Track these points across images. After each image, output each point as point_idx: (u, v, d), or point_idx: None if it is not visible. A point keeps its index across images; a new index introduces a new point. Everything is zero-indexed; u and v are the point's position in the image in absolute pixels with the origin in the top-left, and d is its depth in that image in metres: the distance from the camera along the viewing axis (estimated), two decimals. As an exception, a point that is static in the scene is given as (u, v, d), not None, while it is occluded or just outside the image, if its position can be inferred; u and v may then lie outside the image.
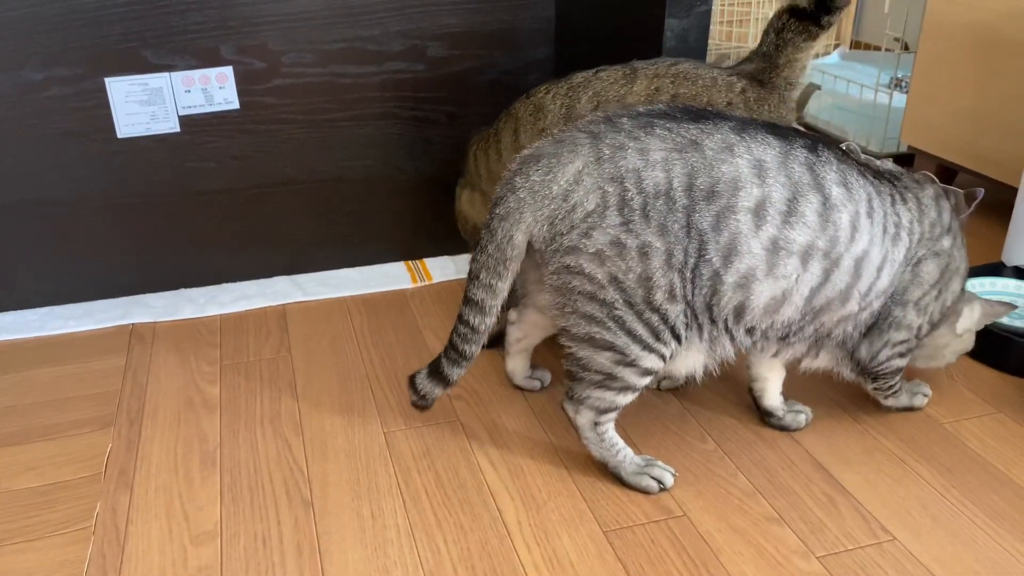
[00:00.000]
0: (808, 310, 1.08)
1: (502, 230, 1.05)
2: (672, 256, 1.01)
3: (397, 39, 1.63)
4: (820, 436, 1.26)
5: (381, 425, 1.30)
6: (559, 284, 1.06)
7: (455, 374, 1.15)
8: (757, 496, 1.14)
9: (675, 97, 1.24)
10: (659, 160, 1.01)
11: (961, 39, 1.94)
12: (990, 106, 1.88)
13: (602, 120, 1.05)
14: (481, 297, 1.08)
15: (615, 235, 1.01)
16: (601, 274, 1.02)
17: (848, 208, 1.05)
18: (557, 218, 1.02)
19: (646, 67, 1.27)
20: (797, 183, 1.02)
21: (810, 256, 1.04)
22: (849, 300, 1.09)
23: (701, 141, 1.02)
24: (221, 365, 1.47)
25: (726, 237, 1.01)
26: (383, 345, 1.52)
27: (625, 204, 1.00)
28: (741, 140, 1.02)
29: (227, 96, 1.60)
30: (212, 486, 1.18)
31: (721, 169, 1.01)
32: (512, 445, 1.25)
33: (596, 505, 1.13)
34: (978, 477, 1.17)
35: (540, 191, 1.03)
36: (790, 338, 1.12)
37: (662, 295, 1.02)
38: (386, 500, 1.14)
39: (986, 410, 1.31)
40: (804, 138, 1.06)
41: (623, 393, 1.11)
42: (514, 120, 1.33)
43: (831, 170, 1.05)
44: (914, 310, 1.15)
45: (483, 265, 1.07)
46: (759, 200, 1.01)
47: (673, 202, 1.00)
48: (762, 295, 1.04)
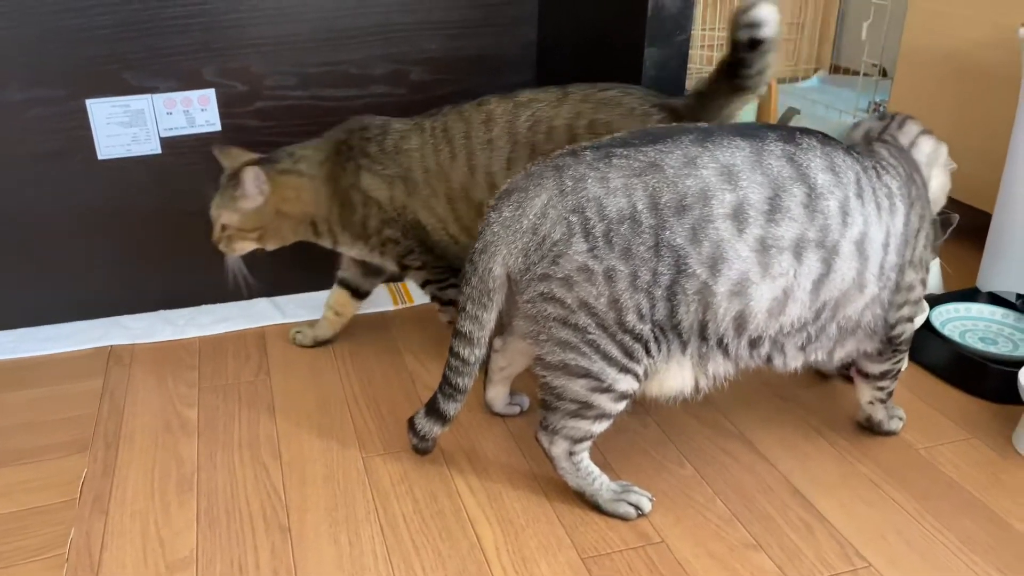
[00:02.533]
0: (819, 306, 1.08)
1: (482, 263, 1.07)
2: (638, 278, 1.02)
3: (380, 63, 1.64)
4: (797, 461, 1.27)
5: (360, 450, 1.29)
6: (534, 312, 1.07)
7: (452, 409, 1.16)
8: (734, 522, 1.15)
9: (593, 123, 1.28)
10: (619, 187, 1.02)
11: (936, 67, 1.97)
12: (964, 133, 1.91)
13: (567, 153, 1.07)
14: (469, 329, 1.10)
15: (582, 261, 1.02)
16: (571, 299, 1.03)
17: (836, 194, 1.05)
18: (530, 250, 1.04)
19: (577, 91, 1.31)
20: (776, 178, 1.03)
21: (803, 249, 1.04)
22: (866, 285, 1.09)
23: (660, 161, 1.03)
24: (200, 388, 1.46)
25: (707, 247, 1.01)
26: (363, 368, 1.51)
27: (589, 232, 1.02)
28: (704, 150, 1.03)
29: (209, 118, 1.60)
30: (189, 511, 1.17)
31: (686, 183, 1.02)
32: (491, 470, 1.25)
33: (575, 531, 1.13)
34: (952, 502, 1.18)
35: (512, 226, 1.05)
36: (810, 345, 1.11)
37: (633, 316, 1.04)
38: (364, 526, 1.14)
39: (960, 435, 1.33)
40: (779, 131, 1.06)
41: (598, 421, 1.11)
42: (465, 123, 1.35)
43: (814, 156, 1.05)
44: (911, 268, 1.15)
45: (468, 297, 1.09)
46: (735, 204, 1.02)
47: (638, 224, 1.01)
48: (763, 298, 1.04)
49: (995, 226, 1.59)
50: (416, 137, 1.39)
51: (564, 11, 1.61)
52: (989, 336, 1.53)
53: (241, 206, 1.41)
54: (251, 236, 1.45)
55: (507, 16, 1.67)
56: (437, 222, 1.39)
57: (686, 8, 1.28)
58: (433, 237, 1.41)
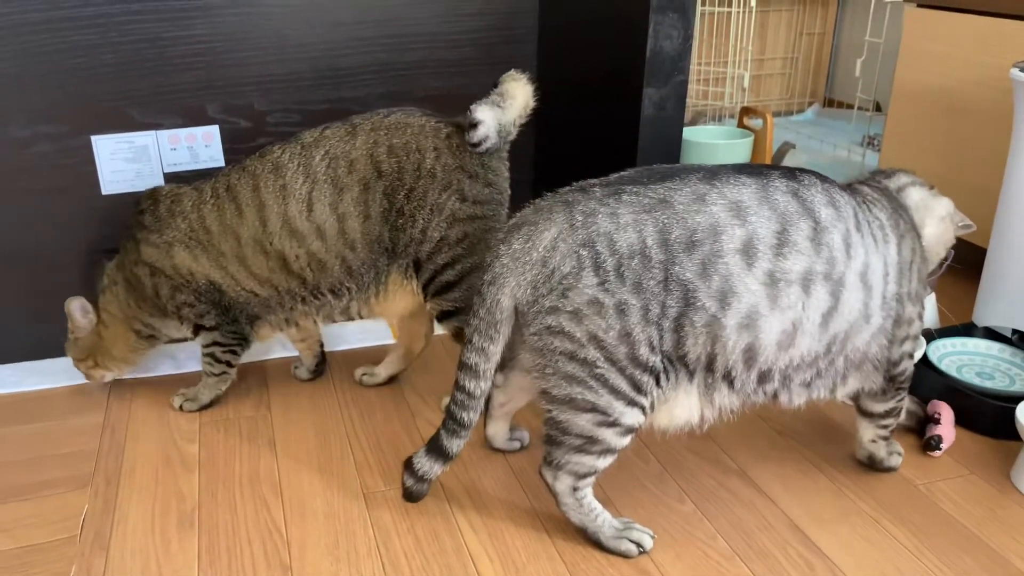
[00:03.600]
0: (830, 339, 1.09)
1: (490, 295, 1.08)
2: (649, 311, 1.04)
3: (381, 101, 1.66)
4: (796, 497, 1.27)
5: (361, 486, 1.29)
6: (540, 345, 1.08)
7: (455, 446, 1.15)
8: (735, 559, 1.15)
9: (392, 148, 1.32)
10: (630, 222, 1.04)
11: (929, 103, 2.00)
12: (957, 169, 1.94)
13: (576, 189, 1.10)
14: (475, 361, 1.11)
15: (592, 295, 1.03)
16: (580, 332, 1.04)
17: (839, 227, 1.08)
18: (539, 282, 1.05)
19: (363, 121, 1.35)
20: (784, 213, 1.06)
21: (811, 281, 1.06)
22: (872, 315, 1.12)
23: (670, 198, 1.05)
24: (200, 423, 1.46)
25: (717, 281, 1.03)
26: (363, 402, 1.52)
27: (599, 266, 1.03)
28: (712, 188, 1.06)
29: (212, 154, 1.62)
30: (190, 548, 1.17)
31: (696, 219, 1.04)
32: (492, 507, 1.25)
33: (576, 569, 1.13)
34: (951, 539, 1.19)
35: (521, 258, 1.06)
36: (817, 381, 1.13)
37: (645, 349, 1.05)
38: (365, 563, 1.14)
39: (959, 471, 1.33)
40: (780, 169, 1.10)
41: (603, 456, 1.12)
42: (251, 177, 1.36)
43: (816, 192, 1.08)
44: (908, 301, 1.16)
45: (475, 329, 1.10)
46: (745, 239, 1.04)
47: (648, 259, 1.03)
48: (772, 330, 1.06)
49: (990, 261, 1.61)
50: (190, 199, 1.39)
51: (563, 51, 1.64)
52: (986, 371, 1.54)
53: (78, 338, 1.48)
54: (88, 363, 1.50)
55: (507, 55, 1.69)
56: (231, 280, 1.39)
57: (684, 51, 1.31)
58: (230, 295, 1.40)
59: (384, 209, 1.32)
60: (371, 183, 1.31)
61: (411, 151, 1.31)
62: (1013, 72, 1.48)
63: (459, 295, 1.36)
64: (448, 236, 1.33)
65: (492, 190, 1.36)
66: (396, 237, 1.34)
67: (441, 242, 1.33)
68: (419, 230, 1.33)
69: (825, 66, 3.38)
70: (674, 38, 1.29)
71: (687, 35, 1.30)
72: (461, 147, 1.33)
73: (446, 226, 1.32)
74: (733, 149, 2.36)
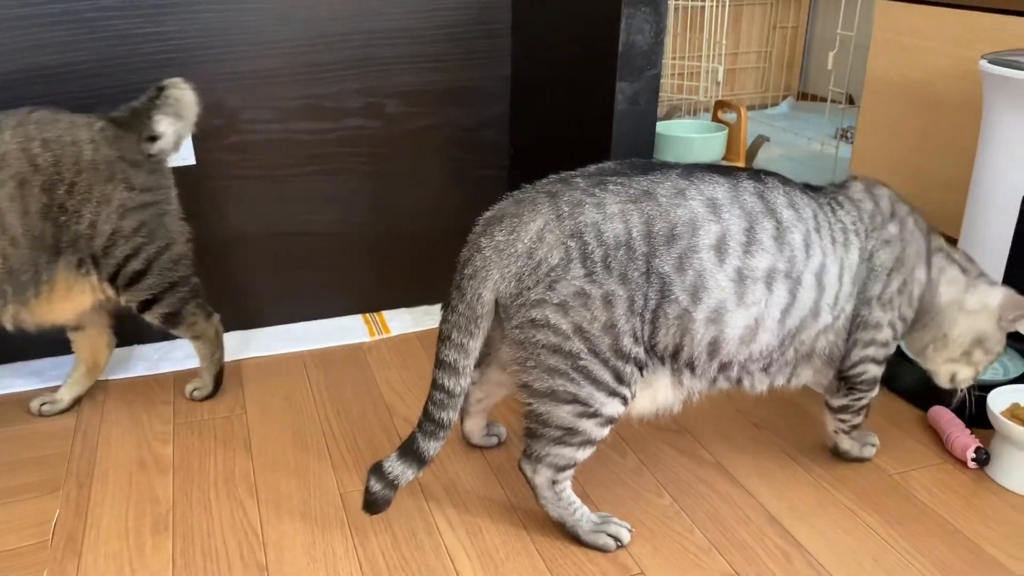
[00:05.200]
0: (784, 334, 1.12)
1: (471, 289, 1.07)
2: (634, 302, 1.04)
3: (355, 96, 1.65)
4: (774, 489, 1.28)
5: (337, 485, 1.28)
6: (523, 339, 1.07)
7: (432, 448, 1.12)
8: (713, 551, 1.15)
9: (46, 141, 1.29)
10: (616, 212, 1.05)
11: (901, 96, 2.02)
12: (928, 161, 1.96)
13: (558, 180, 1.10)
14: (454, 358, 1.09)
15: (579, 286, 1.03)
16: (566, 324, 1.04)
17: (799, 227, 1.10)
18: (524, 274, 1.05)
19: (6, 117, 1.29)
20: (751, 213, 1.08)
21: (773, 279, 1.08)
22: (820, 313, 1.13)
23: (653, 190, 1.06)
24: (174, 424, 1.45)
25: (691, 276, 1.05)
26: (339, 401, 1.51)
27: (587, 256, 1.03)
28: (691, 184, 1.08)
29: (183, 152, 1.59)
30: (164, 552, 1.16)
31: (677, 213, 1.05)
32: (470, 504, 1.25)
33: (554, 564, 1.13)
34: (926, 528, 1.20)
35: (505, 249, 1.05)
36: (772, 368, 1.16)
37: (629, 340, 1.05)
38: (343, 563, 1.13)
39: (933, 460, 1.35)
40: (747, 171, 1.13)
41: (582, 448, 1.12)
42: None
43: (779, 194, 1.11)
44: (878, 306, 1.18)
45: (454, 325, 1.09)
46: (719, 235, 1.06)
47: (633, 251, 1.04)
48: (736, 326, 1.08)
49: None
50: None
51: (538, 47, 1.63)
52: (958, 361, 1.55)
53: None
54: None
55: (482, 50, 1.69)
56: None
57: (656, 45, 1.31)
58: None
59: (44, 205, 1.28)
60: (28, 178, 1.27)
61: (66, 144, 1.29)
62: (982, 64, 1.50)
63: (153, 281, 1.37)
64: (122, 228, 1.32)
65: (158, 175, 1.37)
66: (59, 233, 1.30)
67: (115, 235, 1.32)
68: (87, 224, 1.30)
69: (799, 60, 3.40)
70: (646, 32, 1.29)
71: (659, 29, 1.30)
72: (118, 138, 1.33)
73: (117, 217, 1.32)
74: (708, 143, 2.37)
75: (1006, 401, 1.34)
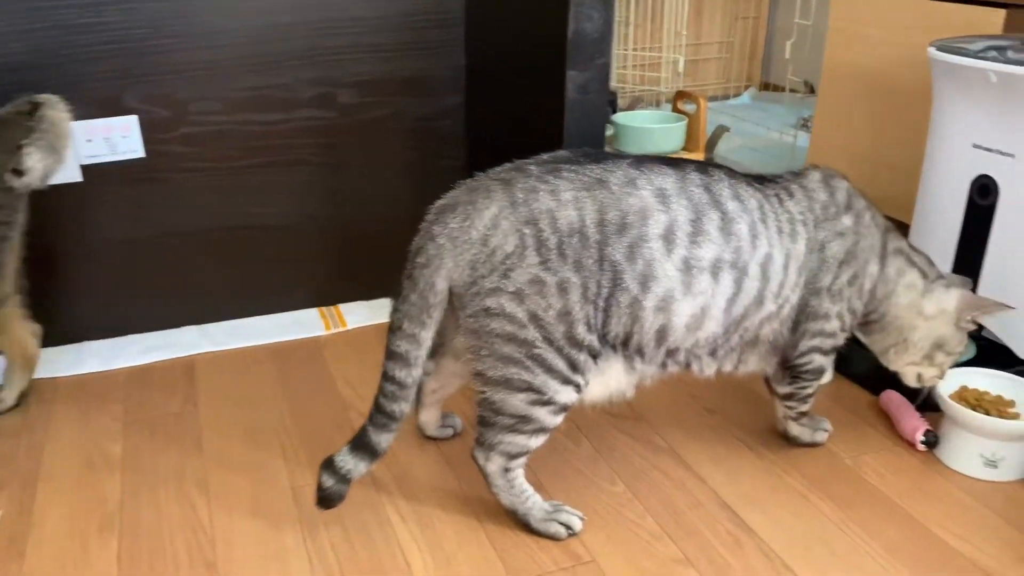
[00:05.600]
0: (730, 322, 1.13)
1: (424, 278, 1.06)
2: (587, 289, 1.04)
3: (307, 86, 1.63)
4: (726, 474, 1.28)
5: (289, 480, 1.27)
6: (477, 327, 1.06)
7: (384, 441, 1.11)
8: (665, 538, 1.15)
9: None
10: (570, 199, 1.05)
11: (857, 84, 2.03)
12: (884, 148, 1.97)
13: (512, 168, 1.09)
14: (406, 349, 1.08)
15: (535, 273, 1.03)
16: (521, 313, 1.04)
17: (744, 218, 1.11)
18: (478, 262, 1.04)
19: None
20: (698, 204, 1.08)
21: (719, 269, 1.09)
22: (764, 302, 1.14)
23: (606, 179, 1.07)
24: (125, 421, 1.42)
25: (641, 265, 1.05)
26: (294, 396, 1.49)
27: (542, 244, 1.03)
28: (641, 173, 1.08)
29: (132, 145, 1.57)
30: (110, 551, 1.14)
31: (628, 201, 1.06)
32: (423, 496, 1.24)
33: (506, 554, 1.12)
34: (876, 511, 1.21)
35: (459, 237, 1.05)
36: (719, 352, 1.17)
37: (583, 328, 1.05)
38: (293, 558, 1.12)
39: (884, 443, 1.36)
40: (694, 163, 1.13)
41: (536, 436, 1.11)
42: None
43: (724, 186, 1.12)
44: (828, 297, 1.18)
45: (406, 315, 1.07)
46: (667, 225, 1.06)
47: (586, 238, 1.04)
48: (683, 314, 1.09)
49: (913, 237, 1.64)
50: None
51: (490, 35, 1.62)
52: (911, 345, 1.57)
53: None
54: None
55: (435, 39, 1.67)
56: None
57: (605, 32, 1.30)
58: None
59: None
60: None
61: None
62: (931, 51, 1.51)
63: None
64: None
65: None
66: None
67: None
68: None
69: (761, 50, 3.41)
70: (595, 20, 1.29)
71: (608, 17, 1.29)
72: None
73: None
74: (668, 133, 2.38)
75: (954, 384, 1.36)
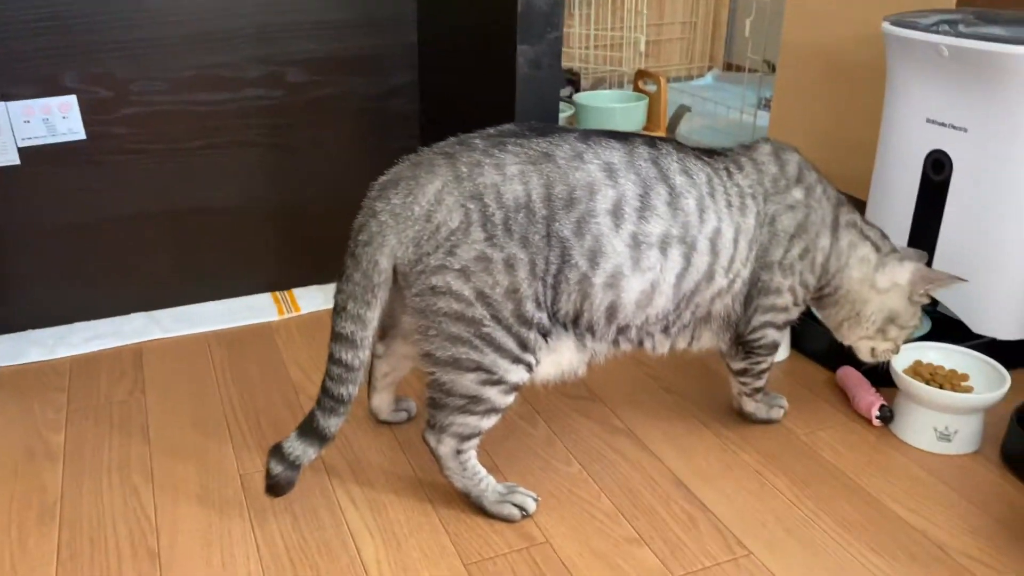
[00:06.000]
0: (680, 298, 1.12)
1: (367, 257, 1.03)
2: (535, 266, 1.02)
3: (254, 65, 1.59)
4: (681, 453, 1.27)
5: (238, 467, 1.24)
6: (423, 306, 1.04)
7: (333, 425, 1.08)
8: (619, 518, 1.14)
9: None
10: (516, 174, 1.02)
11: (814, 62, 2.03)
12: (840, 125, 1.97)
13: (456, 142, 1.07)
14: (351, 330, 1.05)
15: (480, 250, 1.00)
16: (468, 291, 1.01)
17: (692, 193, 1.09)
18: (422, 239, 1.01)
19: None
20: (645, 178, 1.07)
21: (668, 244, 1.08)
22: (714, 277, 1.13)
23: (552, 153, 1.04)
24: (68, 410, 1.38)
25: (589, 241, 1.04)
26: (244, 382, 1.46)
27: (487, 219, 1.01)
28: (588, 148, 1.06)
29: (72, 126, 1.52)
30: (49, 543, 1.10)
31: (575, 176, 1.04)
32: (375, 481, 1.21)
33: (459, 538, 1.10)
34: (830, 486, 1.21)
35: (402, 213, 1.02)
36: (671, 329, 1.15)
37: (532, 305, 1.03)
38: (239, 546, 1.09)
39: (839, 419, 1.36)
40: (642, 137, 1.11)
41: (487, 416, 1.09)
42: None
43: (672, 160, 1.10)
44: (779, 271, 1.17)
45: (350, 295, 1.05)
46: (615, 200, 1.05)
47: (533, 214, 1.02)
48: (632, 290, 1.07)
49: (869, 213, 1.64)
50: None
51: (441, 11, 1.59)
52: (867, 321, 1.57)
53: None
54: None
55: (385, 16, 1.64)
56: None
57: (556, 6, 1.28)
58: None
59: None
60: None
61: None
62: (884, 25, 1.50)
63: None
64: None
65: None
66: None
67: None
68: None
69: (723, 30, 3.41)
70: (544, -8, 1.26)
71: (558, -11, 1.27)
72: None
73: None
74: (629, 112, 2.36)
75: (909, 359, 1.36)
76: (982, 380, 1.31)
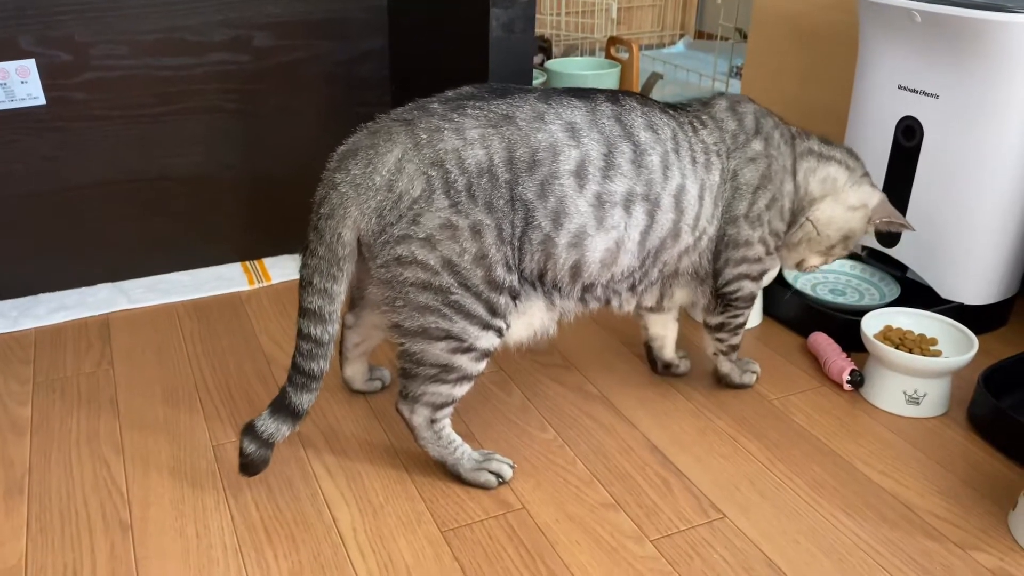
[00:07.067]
0: (645, 255, 1.11)
1: (330, 229, 1.01)
2: (502, 230, 1.02)
3: (219, 29, 1.55)
4: (656, 419, 1.28)
5: (210, 438, 1.23)
6: (389, 277, 1.03)
7: (306, 401, 1.06)
8: (595, 483, 1.15)
9: None
10: (476, 138, 1.01)
11: (786, 28, 2.02)
12: (813, 92, 1.97)
13: (414, 107, 1.05)
14: (319, 304, 1.03)
15: (445, 217, 0.99)
16: (434, 259, 1.00)
17: (657, 149, 1.09)
18: (385, 209, 1.00)
19: None
20: (609, 136, 1.06)
21: (632, 202, 1.07)
22: (680, 234, 1.13)
23: (513, 114, 1.03)
24: (34, 383, 1.35)
25: (553, 202, 1.03)
26: (214, 352, 1.44)
27: (450, 186, 0.99)
28: (549, 107, 1.05)
29: (31, 91, 1.47)
30: (18, 517, 1.08)
31: (537, 137, 1.03)
32: (350, 450, 1.21)
33: (435, 505, 1.10)
34: (802, 450, 1.22)
35: (363, 184, 1.00)
36: (638, 286, 1.15)
37: (502, 269, 1.03)
38: (213, 517, 1.08)
39: (811, 384, 1.37)
40: (605, 93, 1.10)
41: (459, 384, 1.09)
42: None
43: (636, 115, 1.09)
44: (746, 224, 1.18)
45: (315, 269, 1.03)
46: (579, 161, 1.04)
47: (496, 178, 1.01)
48: (596, 249, 1.07)
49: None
50: None
51: (412, -27, 1.56)
52: (838, 288, 1.59)
53: None
54: None
55: (354, -22, 1.60)
56: None
57: (529, -33, 1.26)
58: None
59: None
60: None
61: None
62: (858, -9, 1.50)
63: None
64: None
65: None
66: None
67: None
68: None
69: (695, -2, 3.39)
70: (517, -47, 1.24)
71: (531, -49, 1.25)
72: None
73: None
74: (600, 79, 2.34)
75: (879, 324, 1.37)
76: (950, 344, 1.33)
